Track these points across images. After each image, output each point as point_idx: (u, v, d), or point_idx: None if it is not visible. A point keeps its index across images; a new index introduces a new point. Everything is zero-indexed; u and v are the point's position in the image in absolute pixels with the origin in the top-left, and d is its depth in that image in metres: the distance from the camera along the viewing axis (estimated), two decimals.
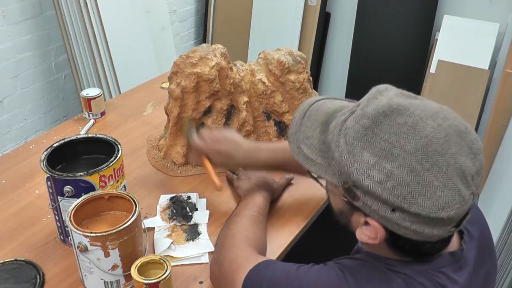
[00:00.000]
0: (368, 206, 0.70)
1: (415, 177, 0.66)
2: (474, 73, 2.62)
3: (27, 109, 2.61)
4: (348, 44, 3.18)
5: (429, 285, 0.74)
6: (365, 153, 0.68)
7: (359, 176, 0.68)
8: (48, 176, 1.02)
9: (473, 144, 0.70)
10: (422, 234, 0.69)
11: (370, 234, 0.73)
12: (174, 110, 1.34)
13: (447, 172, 0.66)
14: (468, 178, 0.68)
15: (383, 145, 0.67)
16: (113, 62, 2.54)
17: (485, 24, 2.75)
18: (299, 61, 1.39)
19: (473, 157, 0.69)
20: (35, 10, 2.48)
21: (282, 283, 0.81)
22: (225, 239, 1.02)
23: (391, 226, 0.70)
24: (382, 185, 0.67)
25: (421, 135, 0.67)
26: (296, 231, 1.17)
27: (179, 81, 1.31)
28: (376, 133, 0.68)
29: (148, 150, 1.47)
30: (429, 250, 0.75)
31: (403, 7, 2.93)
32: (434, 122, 0.68)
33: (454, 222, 0.70)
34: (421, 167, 0.66)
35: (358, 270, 0.78)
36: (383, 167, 0.67)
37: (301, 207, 1.24)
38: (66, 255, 1.09)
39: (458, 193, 0.67)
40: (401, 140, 0.67)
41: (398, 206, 0.67)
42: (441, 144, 0.67)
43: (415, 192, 0.66)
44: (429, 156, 0.66)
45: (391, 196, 0.67)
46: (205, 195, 1.28)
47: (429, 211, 0.66)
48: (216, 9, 3.39)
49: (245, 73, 1.39)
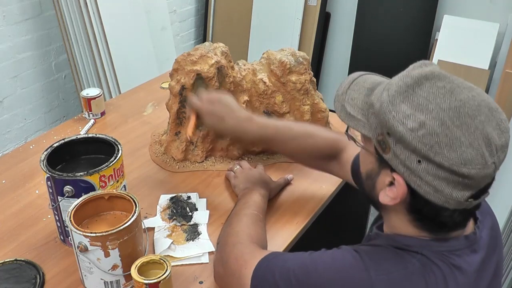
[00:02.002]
0: (397, 156, 0.74)
1: (445, 130, 0.70)
2: (474, 73, 2.62)
3: (27, 109, 2.61)
4: (348, 44, 3.18)
5: (444, 267, 0.76)
6: (403, 105, 0.73)
7: (394, 122, 0.73)
8: (48, 176, 1.02)
9: (501, 122, 0.74)
10: (442, 193, 0.72)
11: (393, 195, 0.76)
12: (174, 106, 1.35)
13: (475, 133, 0.70)
14: (493, 147, 0.71)
15: (421, 101, 0.72)
16: (113, 62, 2.54)
17: (485, 24, 2.75)
18: (301, 62, 1.38)
19: (499, 132, 0.73)
20: (35, 10, 2.48)
21: (296, 269, 0.81)
22: (227, 238, 1.02)
23: (414, 181, 0.73)
24: (413, 133, 0.71)
25: (456, 98, 0.72)
26: (296, 232, 1.17)
27: (179, 78, 1.32)
28: (416, 91, 0.73)
29: (150, 145, 1.48)
30: (446, 219, 0.76)
31: (403, 7, 2.94)
32: (470, 93, 0.73)
33: (473, 188, 0.72)
34: (451, 123, 0.70)
35: (373, 252, 0.79)
36: (417, 118, 0.71)
37: (301, 207, 1.24)
38: (66, 255, 1.09)
39: (481, 155, 0.70)
40: (437, 99, 0.72)
41: (425, 155, 0.71)
42: (473, 110, 0.71)
43: (442, 143, 0.70)
44: (460, 116, 0.71)
45: (420, 144, 0.71)
46: (205, 195, 1.28)
47: (452, 163, 0.70)
48: (216, 9, 3.39)
49: (247, 72, 1.39)
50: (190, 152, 1.40)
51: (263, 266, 0.86)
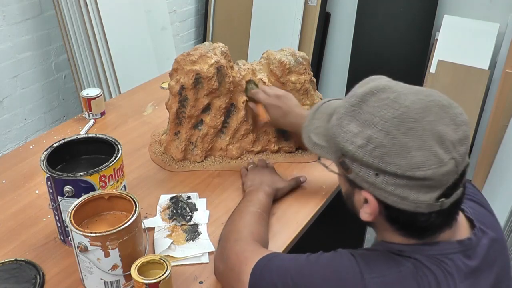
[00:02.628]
0: (358, 175, 0.77)
1: (391, 139, 0.72)
2: (474, 73, 2.62)
3: (27, 109, 2.61)
4: (348, 44, 3.18)
5: (437, 271, 0.77)
6: (351, 124, 0.76)
7: (344, 143, 0.76)
8: (48, 176, 1.02)
9: (456, 117, 0.75)
10: (408, 199, 0.73)
11: (369, 211, 0.79)
12: (173, 106, 1.35)
13: (423, 135, 0.72)
14: (447, 143, 0.72)
15: (366, 117, 0.75)
16: (113, 62, 2.54)
17: (485, 24, 2.75)
18: (300, 62, 1.39)
19: (455, 127, 0.73)
20: (35, 10, 2.48)
21: (292, 270, 0.83)
22: (229, 234, 1.03)
23: (380, 194, 0.75)
24: (363, 149, 0.74)
25: (400, 105, 0.74)
26: (296, 232, 1.17)
27: (179, 78, 1.32)
28: (362, 108, 0.77)
29: (150, 145, 1.48)
30: (425, 224, 0.77)
31: (403, 7, 2.93)
32: (416, 97, 0.75)
33: (438, 187, 0.73)
34: (397, 131, 0.72)
35: (368, 255, 0.81)
36: (365, 133, 0.74)
37: (301, 207, 1.24)
38: (66, 255, 1.09)
39: (434, 155, 0.71)
40: (381, 111, 0.74)
41: (378, 167, 0.73)
42: (419, 113, 0.73)
43: (391, 152, 0.72)
44: (405, 122, 0.72)
45: (370, 158, 0.73)
46: (205, 195, 1.28)
47: (405, 169, 0.71)
48: (216, 9, 3.39)
49: (246, 72, 1.39)
50: (189, 151, 1.40)
51: (262, 264, 0.87)
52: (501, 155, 2.53)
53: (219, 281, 1.01)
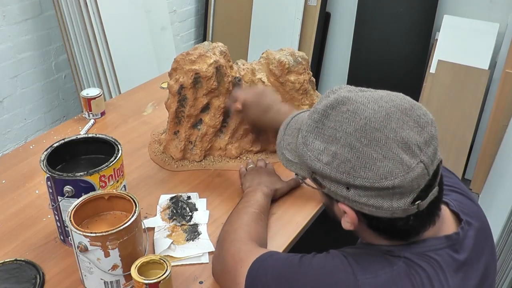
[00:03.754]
0: (331, 190, 0.77)
1: (355, 153, 0.72)
2: (474, 73, 2.62)
3: (27, 109, 2.61)
4: (348, 44, 3.18)
5: (428, 267, 0.77)
6: (316, 141, 0.77)
7: (311, 161, 0.77)
8: (48, 176, 1.02)
9: (419, 118, 0.74)
10: (383, 208, 0.73)
11: (350, 221, 0.79)
12: (172, 106, 1.36)
13: (386, 144, 0.71)
14: (413, 148, 0.72)
15: (330, 132, 0.76)
16: (113, 62, 2.54)
17: (485, 24, 2.75)
18: (300, 62, 1.39)
19: (419, 129, 0.73)
20: (35, 10, 2.48)
21: (286, 272, 0.83)
22: (226, 235, 1.03)
23: (355, 205, 0.76)
24: (330, 166, 0.75)
25: (360, 117, 0.74)
26: (296, 232, 1.17)
27: (178, 77, 1.32)
28: (324, 123, 0.77)
29: (150, 144, 1.48)
30: (404, 227, 0.77)
31: (403, 7, 2.93)
32: (376, 105, 0.74)
33: (410, 192, 0.73)
34: (360, 144, 0.72)
35: (360, 255, 0.81)
36: (330, 150, 0.75)
37: (301, 207, 1.24)
38: (66, 255, 1.09)
39: (400, 162, 0.71)
40: (343, 125, 0.74)
41: (347, 182, 0.74)
42: (380, 122, 0.73)
43: (356, 166, 0.72)
44: (367, 133, 0.72)
45: (338, 174, 0.74)
46: (205, 195, 1.28)
47: (373, 181, 0.72)
48: (216, 9, 3.39)
49: (246, 72, 1.39)
50: (188, 151, 1.40)
51: (257, 265, 0.87)
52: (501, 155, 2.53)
53: (217, 282, 1.01)
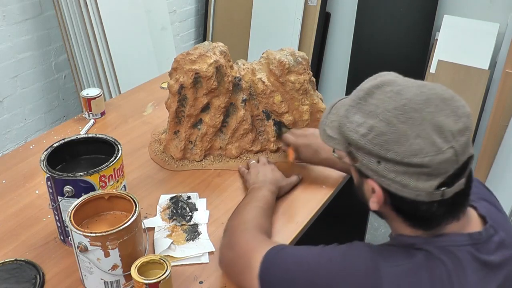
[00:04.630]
0: (363, 163, 0.81)
1: (391, 128, 0.76)
2: (474, 73, 2.62)
3: (27, 109, 2.61)
4: (348, 44, 3.18)
5: (448, 261, 0.79)
6: (357, 115, 0.81)
7: (349, 132, 0.81)
8: (48, 176, 1.02)
9: (457, 109, 0.77)
10: (409, 186, 0.76)
11: (376, 200, 0.82)
12: (173, 105, 1.36)
13: (422, 124, 0.75)
14: (447, 133, 0.75)
15: (370, 108, 0.79)
16: (113, 62, 2.54)
17: (485, 24, 2.75)
18: (300, 62, 1.38)
19: (456, 118, 0.76)
20: (35, 10, 2.48)
21: (309, 257, 0.86)
22: (236, 225, 1.05)
23: (383, 182, 0.79)
24: (365, 137, 0.78)
25: (402, 97, 0.78)
26: (296, 231, 1.17)
27: (178, 77, 1.32)
28: (367, 100, 0.81)
29: (150, 144, 1.49)
30: (426, 213, 0.79)
31: (403, 7, 2.93)
32: (418, 90, 0.78)
33: (436, 175, 0.75)
34: (397, 120, 0.76)
35: (383, 247, 0.85)
36: (368, 123, 0.78)
37: (301, 206, 1.24)
38: (66, 255, 1.09)
39: (431, 143, 0.74)
40: (384, 103, 0.78)
41: (379, 154, 0.77)
42: (419, 104, 0.76)
43: (390, 140, 0.76)
44: (406, 112, 0.76)
45: (372, 145, 0.77)
46: (205, 195, 1.28)
47: (403, 156, 0.75)
48: (216, 9, 3.39)
49: (246, 72, 1.39)
50: (188, 151, 1.40)
51: (274, 252, 0.90)
52: (501, 155, 2.53)
53: (225, 270, 1.02)
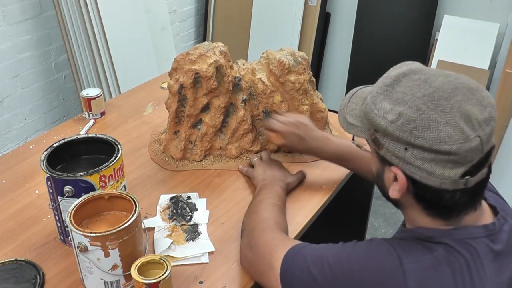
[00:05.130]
0: (388, 150, 0.80)
1: (420, 115, 0.76)
2: (474, 73, 2.62)
3: (27, 109, 2.61)
4: (348, 44, 3.18)
5: (466, 254, 0.79)
6: (384, 102, 0.80)
7: (376, 118, 0.80)
8: (48, 176, 1.02)
9: (483, 99, 0.78)
10: (435, 174, 0.76)
11: (398, 188, 0.81)
12: (173, 105, 1.36)
13: (451, 112, 0.75)
14: (474, 122, 0.75)
15: (399, 95, 0.79)
16: (113, 62, 2.54)
17: (485, 24, 2.75)
18: (300, 62, 1.39)
19: (481, 108, 0.77)
20: (35, 10, 2.48)
21: (329, 256, 0.85)
22: (255, 224, 1.05)
23: (409, 169, 0.79)
24: (394, 124, 0.78)
25: (430, 85, 0.78)
26: (297, 231, 1.17)
27: (178, 77, 1.32)
28: (394, 88, 0.81)
29: (150, 144, 1.48)
30: (449, 202, 0.79)
31: (403, 7, 2.94)
32: (445, 79, 0.79)
33: (462, 163, 0.75)
34: (426, 107, 0.76)
35: (403, 242, 0.84)
36: (396, 110, 0.78)
37: (302, 206, 1.24)
38: (66, 255, 1.09)
39: (460, 131, 0.74)
40: (413, 90, 0.79)
41: (408, 141, 0.77)
42: (448, 92, 0.77)
43: (420, 127, 0.76)
44: (435, 100, 0.76)
45: (401, 132, 0.77)
46: (205, 195, 1.28)
47: (432, 143, 0.75)
48: (216, 9, 3.39)
49: (246, 72, 1.39)
50: (188, 151, 1.40)
51: (294, 251, 0.90)
52: (501, 155, 2.53)
53: (247, 270, 1.03)
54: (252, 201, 1.16)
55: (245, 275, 1.04)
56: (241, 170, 1.37)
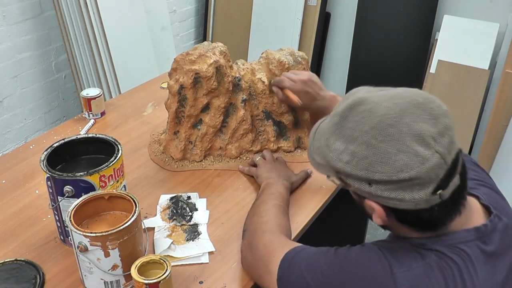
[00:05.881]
0: (355, 187, 0.80)
1: (371, 150, 0.76)
2: (474, 73, 2.62)
3: (27, 109, 2.61)
4: (348, 44, 3.18)
5: (458, 260, 0.79)
6: (337, 142, 0.80)
7: (334, 162, 0.81)
8: (48, 176, 1.02)
9: (433, 111, 0.77)
10: (405, 200, 0.76)
11: (379, 216, 0.81)
12: (172, 106, 1.36)
13: (400, 138, 0.74)
14: (427, 139, 0.74)
15: (348, 132, 0.79)
16: (113, 62, 2.54)
17: (485, 24, 2.75)
18: (299, 62, 1.39)
19: (434, 121, 0.76)
20: (35, 10, 2.48)
21: (322, 263, 0.86)
22: (257, 225, 1.05)
23: (380, 200, 0.79)
24: (350, 164, 0.78)
25: (375, 115, 0.77)
26: (296, 232, 1.17)
27: (178, 77, 1.32)
28: (343, 124, 0.80)
29: (150, 144, 1.48)
30: (430, 218, 0.79)
31: (403, 7, 2.94)
32: (390, 102, 0.78)
33: (429, 183, 0.74)
34: (375, 140, 0.76)
35: (394, 249, 0.83)
36: (349, 149, 0.78)
37: (301, 207, 1.24)
38: (66, 255, 1.09)
39: (414, 154, 0.74)
40: (360, 125, 0.78)
41: (368, 178, 0.77)
42: (394, 118, 0.76)
43: (374, 162, 0.75)
44: (382, 130, 0.75)
45: (358, 171, 0.77)
46: (205, 195, 1.28)
47: (390, 175, 0.75)
48: (216, 9, 3.39)
49: (245, 72, 1.39)
50: (188, 151, 1.40)
51: (290, 257, 0.90)
52: (501, 155, 2.53)
53: (247, 271, 1.03)
54: (256, 201, 1.16)
55: (245, 275, 1.04)
56: (242, 170, 1.37)
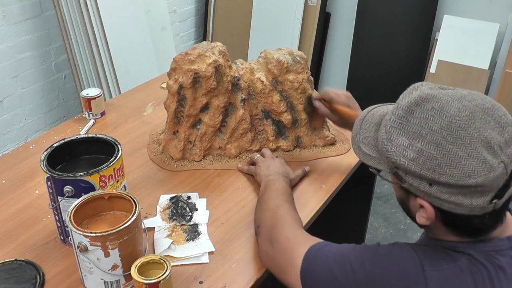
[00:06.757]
0: (412, 185, 0.79)
1: (441, 151, 0.75)
2: (474, 73, 2.62)
3: (27, 109, 2.61)
4: (348, 44, 3.18)
5: (490, 267, 0.79)
6: (401, 137, 0.79)
7: (396, 157, 0.79)
8: (48, 176, 1.02)
9: (500, 119, 0.77)
10: (463, 205, 0.76)
11: (425, 215, 0.81)
12: (172, 106, 1.36)
13: (471, 143, 0.74)
14: (495, 147, 0.74)
15: (414, 129, 0.78)
16: (113, 62, 2.54)
17: (485, 24, 2.75)
18: (298, 61, 1.39)
19: (501, 129, 0.76)
20: (35, 10, 2.48)
21: (352, 257, 0.85)
22: (274, 221, 1.05)
23: (435, 201, 0.78)
24: (415, 162, 0.77)
25: (445, 115, 0.76)
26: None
27: (177, 77, 1.32)
28: (409, 119, 0.79)
29: (149, 144, 1.48)
30: (479, 225, 0.79)
31: (403, 7, 2.94)
32: (460, 104, 0.77)
33: (489, 191, 0.75)
34: (446, 142, 0.75)
35: (426, 249, 0.83)
36: (415, 146, 0.77)
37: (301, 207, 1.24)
38: (66, 255, 1.09)
39: (483, 162, 0.73)
40: (428, 122, 0.77)
41: (432, 178, 0.76)
42: (465, 121, 0.75)
43: (442, 164, 0.74)
44: (453, 132, 0.75)
45: (423, 170, 0.76)
46: (205, 195, 1.28)
47: (457, 179, 0.74)
48: (216, 9, 3.39)
49: (244, 72, 1.40)
50: (188, 151, 1.40)
51: (316, 249, 0.90)
52: None
53: (267, 265, 1.03)
54: (262, 197, 1.16)
55: (245, 275, 1.04)
56: (241, 169, 1.37)
